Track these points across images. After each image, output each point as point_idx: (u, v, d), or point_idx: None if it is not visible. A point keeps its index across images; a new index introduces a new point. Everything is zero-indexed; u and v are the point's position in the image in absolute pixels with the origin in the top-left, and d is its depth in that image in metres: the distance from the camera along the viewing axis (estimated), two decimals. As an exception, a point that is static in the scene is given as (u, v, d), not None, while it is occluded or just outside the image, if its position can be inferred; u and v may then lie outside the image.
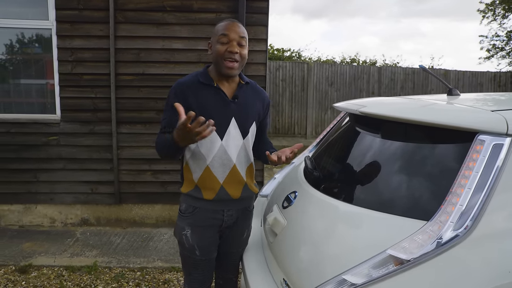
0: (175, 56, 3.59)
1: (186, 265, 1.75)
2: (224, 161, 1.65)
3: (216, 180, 1.65)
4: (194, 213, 1.67)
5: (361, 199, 1.35)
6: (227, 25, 1.58)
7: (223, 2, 3.55)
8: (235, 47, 1.55)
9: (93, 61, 3.54)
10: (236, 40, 1.55)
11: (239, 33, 1.57)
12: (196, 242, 1.67)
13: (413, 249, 1.09)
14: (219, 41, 1.56)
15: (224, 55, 1.55)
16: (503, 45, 13.11)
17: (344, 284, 1.14)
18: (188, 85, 1.62)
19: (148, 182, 3.75)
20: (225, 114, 1.64)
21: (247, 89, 1.72)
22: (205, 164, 1.63)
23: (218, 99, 1.63)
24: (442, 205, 1.12)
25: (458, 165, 1.17)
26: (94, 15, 3.49)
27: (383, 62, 12.16)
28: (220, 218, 1.70)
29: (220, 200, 1.67)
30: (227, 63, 1.56)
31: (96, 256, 3.16)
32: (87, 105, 3.59)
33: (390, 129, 1.47)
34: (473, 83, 9.62)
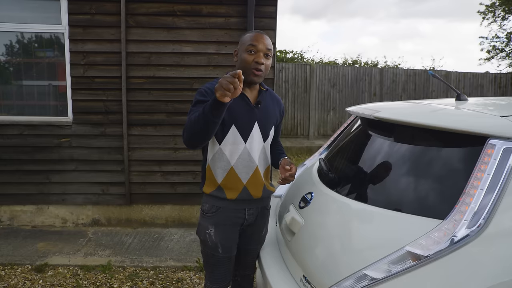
0: (185, 59, 3.67)
1: (208, 263, 1.83)
2: (248, 163, 1.73)
3: (239, 181, 1.73)
4: (217, 212, 1.74)
5: (378, 199, 1.43)
6: (256, 37, 1.67)
7: (232, 7, 3.62)
8: (262, 58, 1.65)
9: (105, 65, 3.62)
10: (263, 51, 1.66)
11: (266, 45, 1.67)
12: (219, 240, 1.75)
13: (429, 246, 1.16)
14: (247, 50, 1.65)
15: (251, 64, 1.65)
16: (503, 46, 13.20)
17: (365, 279, 1.21)
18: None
19: (158, 183, 3.82)
20: (249, 119, 1.73)
21: (266, 95, 1.83)
22: (230, 166, 1.71)
23: (243, 104, 1.72)
24: (457, 205, 1.19)
25: (470, 167, 1.25)
26: (106, 20, 3.56)
27: (384, 64, 12.24)
28: (242, 216, 1.78)
29: (242, 200, 1.75)
30: (254, 71, 1.66)
31: (110, 255, 3.23)
32: (99, 107, 3.67)
33: (403, 133, 1.55)
34: (473, 85, 9.70)
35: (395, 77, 9.76)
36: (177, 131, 3.76)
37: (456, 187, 1.25)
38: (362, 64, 12.21)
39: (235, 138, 1.70)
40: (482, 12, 13.35)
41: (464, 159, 1.33)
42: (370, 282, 1.20)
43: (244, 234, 1.86)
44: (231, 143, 1.69)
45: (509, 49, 13.11)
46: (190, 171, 3.84)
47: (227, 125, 1.69)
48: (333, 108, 9.85)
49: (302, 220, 1.67)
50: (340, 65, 10.70)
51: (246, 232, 1.86)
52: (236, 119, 1.69)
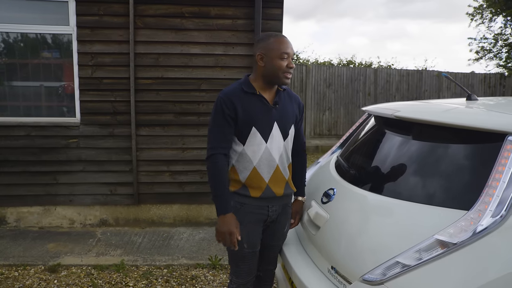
0: (193, 60, 3.72)
1: (234, 258, 1.89)
2: (269, 162, 1.81)
3: (262, 179, 1.80)
4: (241, 209, 1.81)
5: (403, 193, 1.50)
6: (286, 43, 1.77)
7: (239, 9, 3.69)
8: (292, 63, 1.79)
9: (113, 66, 3.64)
10: (292, 56, 1.79)
11: (293, 50, 1.82)
12: (244, 236, 1.81)
13: (457, 234, 1.24)
14: (280, 57, 1.74)
15: (285, 70, 1.76)
16: (491, 47, 13.54)
17: (397, 266, 1.29)
18: (234, 94, 1.77)
19: (166, 183, 3.86)
20: (268, 119, 1.80)
21: (284, 95, 1.90)
22: (252, 166, 1.79)
23: (261, 105, 1.79)
24: (481, 196, 1.28)
25: (490, 162, 1.33)
26: (114, 21, 3.59)
27: (378, 64, 12.44)
28: (265, 213, 1.85)
29: (266, 198, 1.82)
30: (287, 75, 1.77)
31: (122, 255, 3.26)
32: (107, 108, 3.69)
33: (422, 131, 1.63)
34: (464, 84, 9.93)
35: (389, 77, 9.94)
36: (185, 131, 3.80)
37: (478, 181, 1.34)
38: (356, 64, 12.38)
39: (256, 139, 1.77)
40: (471, 13, 13.67)
41: (483, 154, 1.42)
42: (402, 269, 1.28)
43: (267, 230, 1.93)
44: (253, 144, 1.77)
45: (496, 50, 13.45)
46: (198, 171, 3.89)
47: (248, 127, 1.76)
48: (328, 108, 9.98)
49: (327, 215, 1.74)
50: (335, 66, 10.84)
51: (269, 229, 1.92)
52: (255, 121, 1.76)
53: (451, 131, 1.49)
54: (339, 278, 1.52)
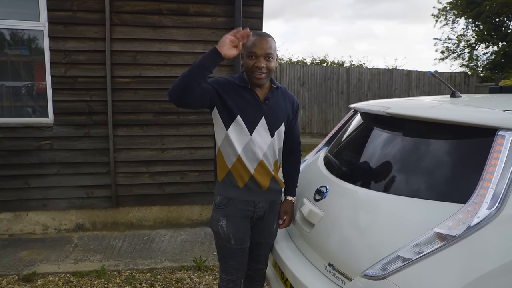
0: (172, 58, 3.63)
1: (222, 255, 1.88)
2: (254, 155, 1.81)
3: (247, 169, 1.81)
4: (228, 205, 1.81)
5: (400, 189, 1.53)
6: (256, 42, 1.71)
7: (219, 7, 3.64)
8: (262, 63, 1.71)
9: (88, 64, 3.50)
10: (262, 55, 1.71)
11: (266, 49, 1.71)
12: (231, 231, 1.81)
13: (456, 226, 1.28)
14: (248, 56, 1.72)
15: (252, 68, 1.72)
16: (455, 47, 14.17)
17: (398, 260, 1.31)
18: (227, 83, 1.78)
19: (146, 184, 3.76)
20: (256, 113, 1.80)
21: (277, 93, 1.89)
22: (237, 153, 1.79)
23: (251, 99, 1.79)
24: (476, 190, 1.32)
25: (482, 156, 1.38)
26: (89, 17, 3.45)
27: (350, 63, 12.70)
28: (252, 209, 1.85)
29: (251, 190, 1.82)
30: (255, 75, 1.73)
31: (102, 260, 3.14)
32: (82, 108, 3.54)
33: (413, 128, 1.67)
34: (432, 83, 10.34)
35: (360, 76, 10.18)
36: (165, 131, 3.72)
37: (472, 174, 1.38)
38: (329, 63, 12.59)
39: (241, 128, 1.78)
40: (435, 15, 14.25)
41: (476, 149, 1.47)
42: (403, 263, 1.30)
43: (255, 228, 1.92)
44: (237, 132, 1.78)
45: (460, 50, 14.10)
46: (178, 171, 3.81)
47: (232, 114, 1.77)
48: (303, 106, 10.09)
49: (321, 212, 1.74)
50: (309, 65, 10.97)
51: (257, 226, 1.92)
52: (242, 110, 1.77)
53: (442, 126, 1.53)
54: (337, 275, 1.53)
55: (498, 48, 12.99)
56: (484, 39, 13.06)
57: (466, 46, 13.86)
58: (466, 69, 13.72)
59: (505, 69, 11.33)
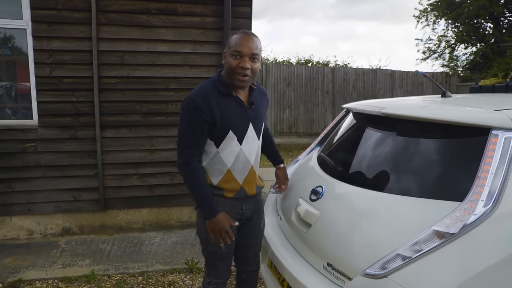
0: (161, 58, 3.59)
1: (212, 260, 1.85)
2: (244, 164, 1.77)
3: (236, 181, 1.77)
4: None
5: (397, 188, 1.55)
6: (241, 40, 1.60)
7: (208, 6, 3.61)
8: (247, 63, 1.60)
9: (74, 64, 3.41)
10: (248, 55, 1.60)
11: (252, 49, 1.61)
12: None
13: (453, 224, 1.30)
14: (232, 54, 1.61)
15: (236, 69, 1.61)
16: (436, 48, 14.49)
17: (398, 259, 1.33)
18: (211, 97, 1.65)
19: (135, 186, 3.70)
20: (244, 121, 1.75)
21: (256, 92, 1.84)
22: (226, 168, 1.74)
23: (237, 108, 1.72)
24: (472, 188, 1.35)
25: (476, 155, 1.41)
26: (74, 16, 3.37)
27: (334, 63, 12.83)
28: (240, 212, 1.83)
29: (239, 198, 1.80)
30: (238, 77, 1.62)
31: (91, 264, 3.07)
32: (68, 109, 3.45)
33: (407, 127, 1.70)
34: (415, 83, 10.55)
35: (345, 76, 10.29)
36: (153, 132, 3.67)
37: (468, 173, 1.41)
38: (314, 63, 12.69)
39: (232, 142, 1.71)
40: (417, 16, 14.53)
41: (470, 148, 1.50)
42: (403, 261, 1.32)
43: (242, 229, 1.89)
44: (228, 147, 1.71)
45: (440, 50, 14.42)
46: (168, 173, 3.76)
47: (224, 131, 1.69)
48: (288, 106, 10.13)
49: (318, 212, 1.75)
50: (294, 65, 11.03)
51: (244, 227, 1.90)
52: (232, 124, 1.70)
53: (436, 126, 1.56)
54: (336, 274, 1.54)
55: (476, 49, 13.36)
56: (463, 40, 13.41)
57: (447, 46, 14.21)
58: (447, 69, 14.07)
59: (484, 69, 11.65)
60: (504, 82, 7.49)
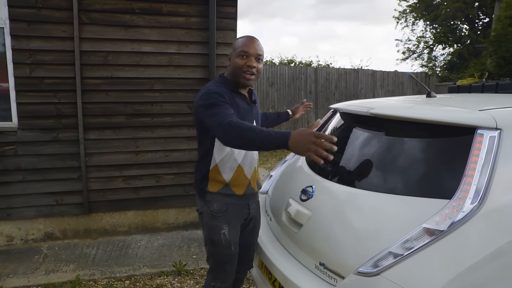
0: (145, 59, 3.54)
1: (220, 263, 1.85)
2: (251, 160, 1.84)
3: (246, 177, 1.83)
4: (228, 211, 1.79)
5: (386, 187, 1.58)
6: (247, 42, 1.73)
7: (192, 6, 3.59)
8: (253, 62, 1.72)
9: (56, 64, 3.33)
10: (254, 55, 1.72)
11: (257, 50, 1.74)
12: (232, 238, 1.80)
13: (443, 221, 1.34)
14: (238, 55, 1.72)
15: (243, 68, 1.71)
16: (415, 48, 14.84)
17: (390, 256, 1.35)
18: (223, 88, 1.73)
19: (120, 188, 3.64)
20: (251, 118, 1.85)
21: (253, 93, 1.95)
22: (237, 164, 1.79)
23: (245, 104, 1.81)
24: (460, 185, 1.39)
25: (464, 153, 1.46)
26: (55, 15, 3.28)
27: (317, 63, 12.95)
28: (247, 211, 1.88)
29: (247, 194, 1.85)
30: (245, 75, 1.73)
31: (76, 270, 3.00)
32: (50, 111, 3.36)
33: (395, 127, 1.73)
34: (395, 82, 10.77)
35: (328, 76, 10.40)
36: (138, 134, 3.61)
37: (455, 171, 1.45)
38: (297, 63, 12.77)
39: None
40: (396, 17, 14.84)
41: (456, 147, 1.54)
42: (395, 259, 1.34)
43: (246, 230, 1.93)
44: None
45: (420, 51, 14.78)
46: (153, 175, 3.72)
47: None
48: (272, 106, 10.16)
49: (309, 212, 1.76)
50: (277, 65, 11.07)
51: (248, 226, 1.94)
52: (244, 119, 1.76)
53: (424, 126, 1.60)
54: (329, 274, 1.56)
55: (453, 49, 13.75)
56: (441, 41, 13.78)
57: (425, 47, 14.57)
58: (426, 69, 14.43)
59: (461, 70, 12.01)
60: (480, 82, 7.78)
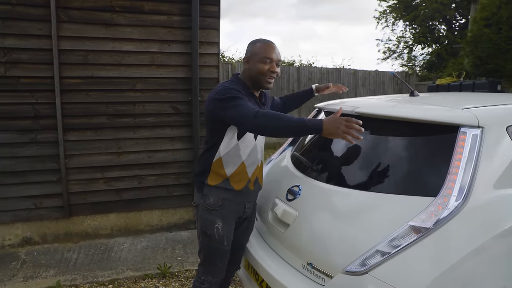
0: (126, 58, 3.46)
1: (212, 257, 1.86)
2: (255, 159, 1.86)
3: (246, 174, 1.84)
4: (224, 206, 1.80)
5: (372, 186, 1.59)
6: (269, 48, 1.80)
7: (174, 5, 3.53)
8: (275, 67, 1.81)
9: (32, 63, 3.22)
10: (276, 61, 1.81)
11: (279, 56, 1.83)
12: (225, 233, 1.81)
13: (429, 219, 1.36)
14: (262, 60, 1.78)
15: (266, 73, 1.79)
16: (395, 48, 15.11)
17: (378, 255, 1.36)
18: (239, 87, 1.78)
19: (101, 191, 3.55)
20: None
21: (265, 94, 1.99)
22: (241, 161, 1.81)
23: (256, 105, 1.82)
24: (445, 183, 1.41)
25: (448, 151, 1.48)
26: (31, 12, 3.17)
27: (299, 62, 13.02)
28: (242, 210, 1.89)
29: (245, 192, 1.86)
30: (268, 79, 1.80)
31: (56, 275, 2.91)
32: (27, 111, 3.25)
33: (379, 126, 1.75)
34: (377, 82, 10.93)
35: (310, 75, 10.47)
36: (120, 134, 3.54)
37: (439, 169, 1.47)
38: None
39: (250, 135, 1.82)
40: (377, 17, 15.07)
41: (440, 145, 1.57)
42: (383, 257, 1.35)
43: (239, 228, 1.94)
44: (246, 139, 1.80)
45: (400, 51, 15.05)
46: (136, 176, 3.65)
47: None
48: (256, 106, 10.14)
49: (296, 212, 1.76)
50: (260, 64, 11.05)
51: (242, 226, 1.94)
52: None
53: (408, 124, 1.62)
54: (317, 273, 1.55)
55: (432, 49, 14.07)
56: (420, 41, 14.08)
57: (405, 47, 14.85)
58: (406, 68, 14.72)
59: (439, 69, 12.30)
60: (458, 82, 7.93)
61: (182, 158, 3.74)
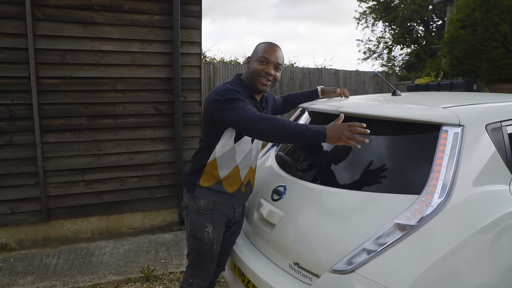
0: (106, 58, 3.39)
1: (201, 260, 1.83)
2: (248, 162, 1.83)
3: (239, 178, 1.81)
4: (215, 209, 1.77)
5: (358, 184, 1.60)
6: (269, 49, 1.75)
7: (155, 4, 3.48)
8: (272, 69, 1.74)
9: (6, 63, 3.10)
10: (274, 64, 1.74)
11: (278, 58, 1.76)
12: (215, 237, 1.79)
13: (413, 216, 1.37)
14: (258, 60, 1.74)
15: (260, 73, 1.73)
16: (375, 48, 15.37)
17: (364, 253, 1.37)
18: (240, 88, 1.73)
19: (82, 193, 3.46)
20: None
21: (267, 98, 1.95)
22: (235, 164, 1.77)
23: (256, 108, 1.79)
24: (428, 181, 1.43)
25: (430, 149, 1.50)
26: (5, 10, 3.05)
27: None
28: (232, 214, 1.87)
29: (236, 195, 1.83)
30: (262, 80, 1.74)
31: (34, 282, 2.82)
32: (2, 112, 3.13)
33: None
34: (358, 82, 11.09)
35: (292, 75, 10.53)
36: (101, 136, 3.46)
37: (423, 167, 1.50)
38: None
39: (247, 139, 1.79)
40: (357, 18, 15.29)
41: (423, 143, 1.59)
42: (369, 255, 1.36)
43: (228, 231, 1.92)
44: (243, 143, 1.77)
45: (380, 51, 15.32)
46: (117, 178, 3.57)
47: None
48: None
49: (282, 212, 1.76)
50: (242, 64, 11.04)
51: (230, 229, 1.93)
52: None
53: (391, 123, 1.64)
54: (303, 273, 1.55)
55: (411, 50, 14.39)
56: (399, 41, 14.37)
57: (385, 47, 15.13)
58: (386, 68, 14.99)
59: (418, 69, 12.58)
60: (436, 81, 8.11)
61: (164, 159, 3.69)
